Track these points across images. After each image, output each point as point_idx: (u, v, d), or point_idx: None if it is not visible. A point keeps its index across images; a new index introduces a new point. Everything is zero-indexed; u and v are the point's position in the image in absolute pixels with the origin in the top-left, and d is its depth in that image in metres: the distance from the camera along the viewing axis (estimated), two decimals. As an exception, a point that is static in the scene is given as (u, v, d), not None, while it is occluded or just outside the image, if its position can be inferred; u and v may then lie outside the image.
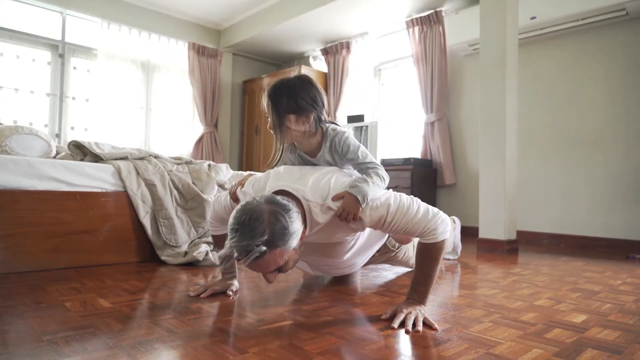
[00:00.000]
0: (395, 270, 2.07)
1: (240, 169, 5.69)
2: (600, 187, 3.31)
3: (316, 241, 1.37)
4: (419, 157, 4.31)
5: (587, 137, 3.40)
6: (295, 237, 1.12)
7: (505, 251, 2.88)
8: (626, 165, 3.20)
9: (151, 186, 2.26)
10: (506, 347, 1.05)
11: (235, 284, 1.56)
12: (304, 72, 5.04)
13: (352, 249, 1.48)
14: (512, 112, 3.05)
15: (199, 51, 5.32)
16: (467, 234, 3.38)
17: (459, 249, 2.44)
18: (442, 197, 4.24)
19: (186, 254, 2.20)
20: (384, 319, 1.25)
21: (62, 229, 1.98)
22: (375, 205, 1.24)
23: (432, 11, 4.16)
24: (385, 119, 4.87)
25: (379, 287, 1.71)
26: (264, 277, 1.15)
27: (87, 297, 1.44)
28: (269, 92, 1.35)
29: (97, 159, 2.26)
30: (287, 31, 4.97)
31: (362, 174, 1.34)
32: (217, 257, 2.09)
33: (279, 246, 1.08)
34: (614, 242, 3.20)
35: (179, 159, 2.63)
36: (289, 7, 4.64)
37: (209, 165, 2.64)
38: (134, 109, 4.92)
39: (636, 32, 3.20)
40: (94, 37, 4.65)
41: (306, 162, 1.46)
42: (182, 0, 4.87)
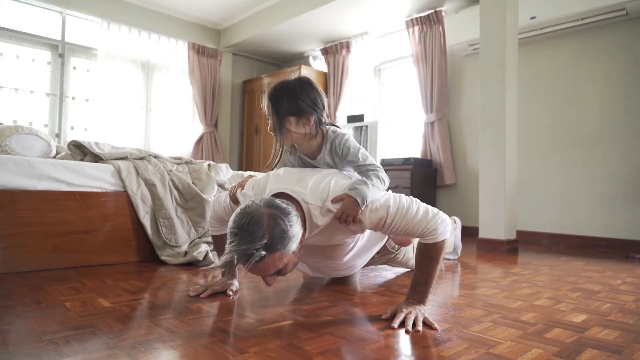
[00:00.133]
0: (395, 270, 2.07)
1: (240, 169, 5.69)
2: (600, 186, 3.32)
3: (316, 243, 1.37)
4: (419, 157, 4.31)
5: (586, 136, 3.40)
6: (294, 241, 1.11)
7: (505, 251, 2.88)
8: (626, 164, 3.20)
9: (151, 186, 2.26)
10: (506, 347, 1.05)
11: (235, 284, 1.56)
12: (304, 72, 5.05)
13: (352, 250, 1.47)
14: (512, 112, 3.05)
15: (199, 51, 5.32)
16: (467, 233, 3.38)
17: (459, 249, 2.44)
18: (442, 197, 4.24)
19: (186, 253, 2.20)
20: (384, 319, 1.25)
21: (62, 228, 1.98)
22: (374, 207, 1.24)
23: (432, 11, 4.16)
24: (385, 118, 4.87)
25: (379, 287, 1.71)
26: (263, 280, 1.15)
27: (87, 297, 1.44)
28: (269, 94, 1.35)
29: (97, 158, 2.26)
30: (287, 31, 4.97)
31: (362, 176, 1.34)
32: (217, 257, 2.08)
33: (278, 250, 1.08)
34: (613, 241, 3.20)
35: (178, 158, 2.63)
36: (289, 7, 4.64)
37: (209, 165, 2.64)
38: (134, 109, 4.92)
39: (636, 32, 3.20)
40: (94, 37, 4.65)
41: (306, 164, 1.45)
42: (182, 0, 4.87)
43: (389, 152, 4.71)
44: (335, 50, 5.11)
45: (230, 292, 1.51)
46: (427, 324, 1.19)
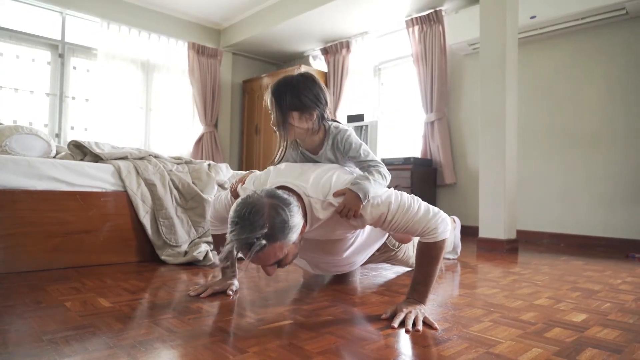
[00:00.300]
0: (395, 269, 2.08)
1: (240, 169, 5.69)
2: (599, 186, 3.32)
3: (316, 237, 1.37)
4: (419, 156, 4.30)
5: (586, 136, 3.40)
6: (295, 231, 1.12)
7: (505, 250, 2.88)
8: (625, 164, 3.20)
9: (151, 186, 2.26)
10: (506, 347, 1.05)
11: (235, 284, 1.56)
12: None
13: (352, 246, 1.48)
14: (512, 111, 3.05)
15: (199, 51, 5.32)
16: (467, 233, 3.38)
17: (459, 249, 2.44)
18: (442, 197, 4.24)
19: (186, 253, 2.20)
20: (384, 319, 1.25)
21: (62, 228, 1.98)
22: (376, 202, 1.24)
23: (432, 10, 4.16)
24: (385, 118, 4.87)
25: (379, 287, 1.71)
26: (263, 269, 1.15)
27: (87, 297, 1.44)
28: (273, 89, 1.36)
29: (97, 158, 2.26)
30: (287, 31, 4.97)
31: (363, 171, 1.35)
32: (217, 257, 2.08)
33: (278, 239, 1.08)
34: (613, 241, 3.20)
35: (178, 158, 2.63)
36: (289, 7, 4.63)
37: (209, 165, 2.64)
38: (133, 109, 4.92)
39: (636, 32, 3.20)
40: (94, 37, 4.65)
41: (308, 159, 1.46)
42: (182, 0, 4.87)
43: (389, 152, 4.71)
44: (335, 50, 5.11)
45: (230, 292, 1.51)
46: (427, 324, 1.19)
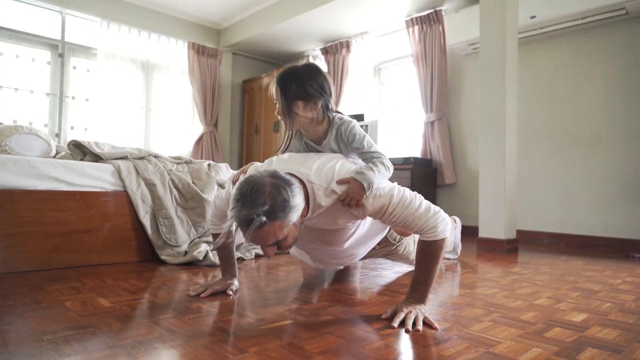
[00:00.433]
0: (395, 269, 2.08)
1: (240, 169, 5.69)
2: (599, 186, 3.32)
3: (317, 226, 1.38)
4: (419, 156, 4.30)
5: (586, 136, 3.40)
6: (295, 212, 1.13)
7: (505, 250, 2.88)
8: (625, 164, 3.20)
9: (151, 186, 2.26)
10: (506, 346, 1.05)
11: (235, 284, 1.56)
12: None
13: (352, 237, 1.49)
14: (511, 111, 3.05)
15: (199, 51, 5.32)
16: (467, 233, 3.38)
17: (459, 249, 2.44)
18: (442, 197, 4.23)
19: (186, 253, 2.20)
20: (384, 319, 1.25)
21: (62, 228, 1.98)
22: (378, 193, 1.26)
23: (432, 10, 4.16)
24: (385, 118, 4.86)
25: (379, 287, 1.71)
26: (262, 250, 1.16)
27: (87, 297, 1.44)
28: (278, 78, 1.37)
29: (97, 158, 2.26)
30: (286, 30, 4.96)
31: (367, 163, 1.37)
32: (217, 257, 2.08)
33: (279, 218, 1.09)
34: (613, 241, 3.20)
35: (178, 158, 2.63)
36: (289, 7, 4.63)
37: (209, 164, 2.64)
38: (133, 109, 4.92)
39: (636, 32, 3.19)
40: (94, 36, 4.65)
41: (311, 150, 1.48)
42: (182, 0, 4.86)
43: (389, 152, 4.70)
44: (335, 49, 5.11)
45: (230, 292, 1.51)
46: (427, 324, 1.20)
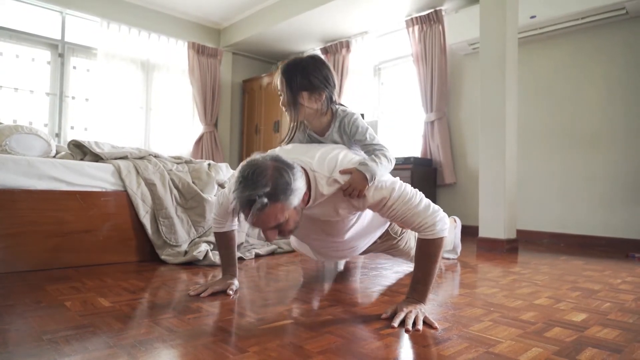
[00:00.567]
0: (395, 269, 2.08)
1: (240, 169, 5.69)
2: (599, 186, 3.31)
3: (318, 216, 1.39)
4: (419, 156, 4.30)
5: (586, 136, 3.40)
6: (297, 195, 1.14)
7: (505, 250, 2.88)
8: (625, 164, 3.20)
9: (151, 185, 2.26)
10: (506, 346, 1.05)
11: (235, 283, 1.56)
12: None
13: (353, 228, 1.50)
14: (511, 111, 3.05)
15: (199, 50, 5.32)
16: (467, 233, 3.38)
17: (459, 249, 2.44)
18: (442, 197, 4.23)
19: (186, 253, 2.20)
20: (384, 318, 1.25)
21: (62, 228, 1.98)
22: (380, 186, 1.27)
23: (432, 10, 4.16)
24: (385, 118, 4.86)
25: (379, 287, 1.71)
26: (263, 234, 1.17)
27: (87, 297, 1.44)
28: (283, 69, 1.39)
29: (97, 158, 2.26)
30: (287, 30, 4.96)
31: (369, 155, 1.38)
32: (217, 256, 2.08)
33: (280, 200, 1.10)
34: (613, 241, 3.20)
35: (178, 158, 2.63)
36: (289, 7, 4.63)
37: (209, 164, 2.64)
38: (133, 109, 4.91)
39: (636, 32, 3.19)
40: (94, 36, 4.65)
41: (314, 141, 1.49)
42: (182, 0, 4.87)
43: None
44: (335, 49, 5.11)
45: (230, 292, 1.51)
46: (427, 323, 1.20)
